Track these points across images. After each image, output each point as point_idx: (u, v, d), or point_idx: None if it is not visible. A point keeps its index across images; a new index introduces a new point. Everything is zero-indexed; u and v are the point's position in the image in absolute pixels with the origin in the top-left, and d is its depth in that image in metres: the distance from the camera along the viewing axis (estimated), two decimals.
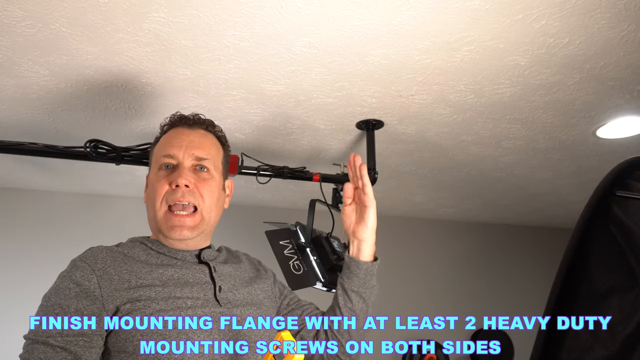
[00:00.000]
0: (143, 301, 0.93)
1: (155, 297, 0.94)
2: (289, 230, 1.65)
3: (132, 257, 1.01)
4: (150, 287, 0.96)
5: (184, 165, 1.05)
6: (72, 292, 0.91)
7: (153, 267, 1.00)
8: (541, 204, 2.85)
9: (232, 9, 1.13)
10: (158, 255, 1.04)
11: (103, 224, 2.48)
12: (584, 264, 0.85)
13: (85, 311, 0.90)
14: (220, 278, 1.05)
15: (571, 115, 1.68)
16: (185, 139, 1.08)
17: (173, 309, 0.94)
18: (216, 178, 1.10)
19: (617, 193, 0.84)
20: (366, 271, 1.17)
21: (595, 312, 0.81)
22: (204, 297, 1.00)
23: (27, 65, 1.35)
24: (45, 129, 1.73)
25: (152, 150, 1.15)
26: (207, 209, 1.06)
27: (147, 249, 1.05)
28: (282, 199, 2.61)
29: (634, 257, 0.79)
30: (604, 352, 0.78)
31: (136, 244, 1.06)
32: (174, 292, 0.97)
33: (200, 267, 1.05)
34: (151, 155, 1.14)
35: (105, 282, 0.93)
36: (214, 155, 1.11)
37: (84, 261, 0.96)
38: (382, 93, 1.52)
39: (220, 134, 1.17)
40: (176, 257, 1.05)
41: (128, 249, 1.03)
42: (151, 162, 1.13)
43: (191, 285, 1.00)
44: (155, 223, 1.06)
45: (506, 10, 1.15)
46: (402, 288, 2.96)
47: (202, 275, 1.04)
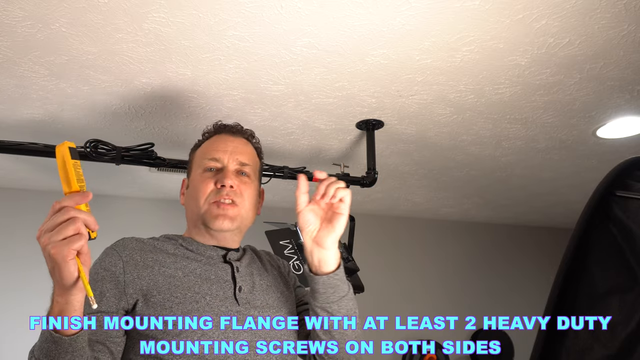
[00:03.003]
0: (163, 293, 0.97)
1: (175, 287, 0.98)
2: (289, 230, 1.65)
3: (160, 249, 1.06)
4: (172, 278, 1.00)
5: (229, 169, 1.12)
6: (99, 276, 0.97)
7: (178, 258, 1.05)
8: (541, 204, 2.85)
9: (232, 9, 1.13)
10: (186, 250, 1.09)
11: (103, 224, 2.47)
12: (584, 264, 0.85)
13: (107, 293, 0.95)
14: (242, 279, 1.08)
15: (571, 115, 1.68)
16: (230, 144, 1.15)
17: (191, 302, 0.97)
18: (255, 183, 1.17)
19: (617, 193, 0.84)
20: (325, 284, 1.02)
21: (595, 312, 0.81)
22: (223, 295, 1.03)
23: (27, 65, 1.35)
24: (45, 129, 1.73)
25: (193, 154, 1.21)
26: (247, 209, 1.12)
27: (177, 245, 1.10)
28: (282, 199, 2.61)
29: (634, 257, 0.79)
30: (604, 352, 0.78)
31: (167, 239, 1.12)
32: (194, 286, 1.00)
33: (223, 266, 1.09)
34: (192, 158, 1.20)
35: (130, 267, 0.99)
36: (253, 162, 1.18)
37: (114, 249, 1.03)
38: (382, 93, 1.52)
39: (257, 145, 1.24)
40: (203, 254, 1.09)
41: (159, 242, 1.09)
42: (193, 165, 1.19)
43: (212, 282, 1.03)
44: (197, 217, 1.10)
45: (506, 10, 1.15)
46: (402, 288, 2.96)
47: (224, 274, 1.07)
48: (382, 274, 2.86)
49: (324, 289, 1.02)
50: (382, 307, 2.81)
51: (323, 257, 1.02)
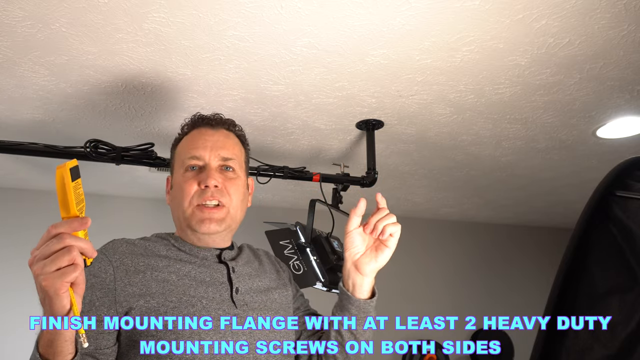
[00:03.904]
0: (157, 298, 0.93)
1: (169, 292, 0.95)
2: (289, 230, 1.65)
3: (152, 251, 1.01)
4: (165, 282, 0.96)
5: (211, 166, 1.05)
6: (88, 284, 0.91)
7: (171, 261, 1.01)
8: (541, 204, 2.85)
9: (232, 9, 1.13)
10: (179, 251, 1.04)
11: (103, 224, 2.47)
12: (584, 264, 0.85)
13: (97, 302, 0.91)
14: (238, 279, 1.05)
15: (571, 115, 1.68)
16: (210, 139, 1.08)
17: (187, 307, 0.94)
18: (241, 177, 1.11)
19: (617, 193, 0.84)
20: (359, 309, 1.07)
21: (595, 312, 0.81)
22: (220, 297, 0.99)
23: (27, 65, 1.35)
24: (45, 129, 1.73)
25: (173, 150, 1.14)
26: (234, 207, 1.07)
27: (169, 245, 1.05)
28: (282, 199, 2.61)
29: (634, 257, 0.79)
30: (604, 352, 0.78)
31: (159, 239, 1.07)
32: (189, 290, 0.97)
33: (219, 267, 1.05)
34: (173, 155, 1.14)
35: (121, 273, 0.94)
36: (238, 154, 1.11)
37: (103, 253, 0.97)
38: (382, 93, 1.52)
39: (240, 132, 1.17)
40: (197, 255, 1.05)
41: (150, 242, 1.04)
42: (174, 163, 1.12)
43: (207, 285, 1.00)
44: (183, 220, 1.05)
45: (506, 10, 1.15)
46: (402, 288, 2.96)
47: (220, 275, 1.03)
48: (382, 274, 2.85)
49: (356, 311, 1.07)
50: (382, 307, 2.80)
51: (359, 282, 1.06)
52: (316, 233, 1.62)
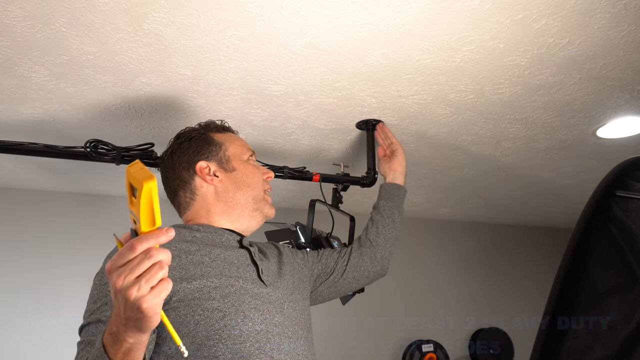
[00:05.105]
0: (198, 279, 0.96)
1: (208, 274, 0.99)
2: (289, 230, 1.65)
3: (177, 236, 1.04)
4: (201, 264, 1.00)
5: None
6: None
7: (200, 245, 1.05)
8: (541, 203, 2.85)
9: (232, 9, 1.13)
10: (205, 234, 1.10)
11: (103, 224, 2.48)
12: (584, 264, 0.85)
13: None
14: (260, 262, 1.12)
15: (571, 115, 1.68)
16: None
17: (227, 286, 0.99)
18: None
19: (617, 193, 0.84)
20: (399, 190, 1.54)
21: (595, 312, 0.81)
22: (251, 277, 1.06)
23: (27, 65, 1.35)
24: (45, 129, 1.73)
25: (210, 139, 1.25)
26: None
27: (192, 231, 1.10)
28: (282, 199, 2.61)
29: (634, 257, 0.79)
30: (604, 352, 0.78)
31: (177, 227, 1.09)
32: (224, 270, 1.02)
33: (241, 251, 1.12)
34: (212, 142, 1.24)
35: None
36: None
37: None
38: (382, 93, 1.52)
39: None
40: (221, 239, 1.11)
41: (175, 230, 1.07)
42: (224, 151, 1.24)
43: (237, 267, 1.06)
44: (252, 201, 1.20)
45: (506, 10, 1.15)
46: (402, 288, 2.96)
47: (244, 258, 1.10)
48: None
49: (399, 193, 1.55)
50: (382, 307, 2.81)
51: (395, 175, 1.57)
52: (316, 233, 1.62)
